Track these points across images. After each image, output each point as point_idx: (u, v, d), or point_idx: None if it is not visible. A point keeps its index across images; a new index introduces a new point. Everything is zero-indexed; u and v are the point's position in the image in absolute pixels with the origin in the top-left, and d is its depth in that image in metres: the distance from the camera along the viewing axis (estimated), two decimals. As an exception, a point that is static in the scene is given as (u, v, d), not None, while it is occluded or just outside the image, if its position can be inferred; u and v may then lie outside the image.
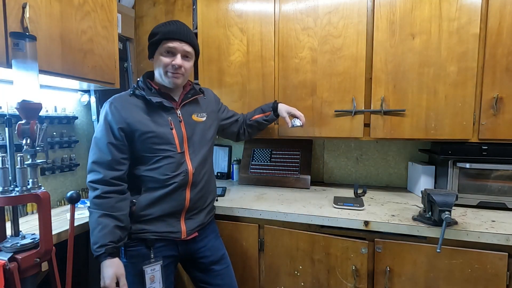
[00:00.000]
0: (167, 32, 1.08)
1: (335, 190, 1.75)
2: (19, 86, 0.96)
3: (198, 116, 1.21)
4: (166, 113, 1.13)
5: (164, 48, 1.09)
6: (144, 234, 1.09)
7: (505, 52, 1.29)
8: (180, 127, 1.14)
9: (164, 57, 1.10)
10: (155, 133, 1.08)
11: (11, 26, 1.03)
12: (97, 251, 0.99)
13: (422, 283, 1.17)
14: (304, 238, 1.32)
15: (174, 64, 1.09)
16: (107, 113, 1.07)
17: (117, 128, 1.05)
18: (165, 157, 1.09)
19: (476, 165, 1.36)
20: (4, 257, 0.90)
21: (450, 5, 1.34)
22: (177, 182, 1.10)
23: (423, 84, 1.40)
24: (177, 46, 1.09)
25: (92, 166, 1.06)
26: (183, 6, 1.84)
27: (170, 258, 1.15)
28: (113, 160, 1.05)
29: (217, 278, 1.22)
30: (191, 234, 1.16)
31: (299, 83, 1.59)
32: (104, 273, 0.99)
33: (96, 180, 1.04)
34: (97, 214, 1.02)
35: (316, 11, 1.54)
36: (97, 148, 1.07)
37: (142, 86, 1.13)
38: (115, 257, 1.01)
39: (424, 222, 1.18)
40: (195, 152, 1.16)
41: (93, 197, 1.03)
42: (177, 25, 1.11)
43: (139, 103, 1.11)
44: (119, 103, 1.09)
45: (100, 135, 1.07)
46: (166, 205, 1.10)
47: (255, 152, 1.96)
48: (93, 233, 1.01)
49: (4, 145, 1.26)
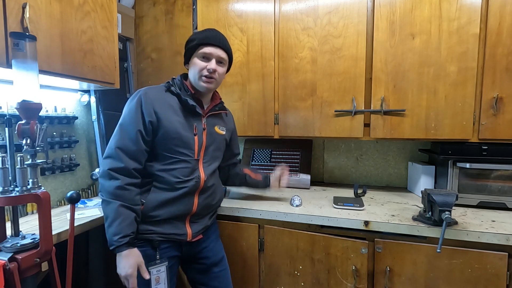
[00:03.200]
0: (203, 37, 1.11)
1: (335, 190, 1.75)
2: (19, 86, 0.96)
3: (220, 128, 1.23)
4: (193, 118, 1.14)
5: (200, 53, 1.11)
6: (151, 235, 1.09)
7: (505, 52, 1.29)
8: (202, 135, 1.15)
9: (200, 61, 1.12)
10: (180, 135, 1.08)
11: (11, 26, 1.03)
12: (120, 241, 0.98)
13: (422, 283, 1.17)
14: (304, 238, 1.32)
15: (209, 68, 1.11)
16: (142, 102, 1.06)
17: (148, 120, 1.05)
18: (181, 161, 1.10)
19: (476, 165, 1.36)
20: (4, 257, 0.90)
21: (450, 5, 1.34)
22: (188, 187, 1.10)
23: (423, 84, 1.40)
24: (212, 51, 1.11)
25: (115, 151, 1.03)
26: (183, 6, 1.84)
27: (174, 259, 1.15)
28: (138, 150, 1.04)
29: (215, 280, 1.22)
30: (196, 236, 1.17)
31: (299, 83, 1.59)
32: (125, 263, 0.99)
33: (117, 168, 1.02)
34: (115, 205, 1.00)
35: (316, 11, 1.54)
36: (124, 133, 1.04)
37: (179, 85, 1.15)
38: (134, 247, 1.02)
39: (424, 222, 1.18)
40: (209, 161, 1.18)
41: (114, 187, 1.00)
42: (213, 32, 1.14)
43: (172, 101, 1.11)
44: (154, 96, 1.09)
45: (129, 121, 1.05)
46: (174, 208, 1.10)
47: (255, 152, 1.96)
48: (113, 224, 0.99)
49: (4, 145, 1.26)
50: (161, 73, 1.91)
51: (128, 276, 0.99)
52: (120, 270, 1.00)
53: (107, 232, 1.00)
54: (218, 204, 1.29)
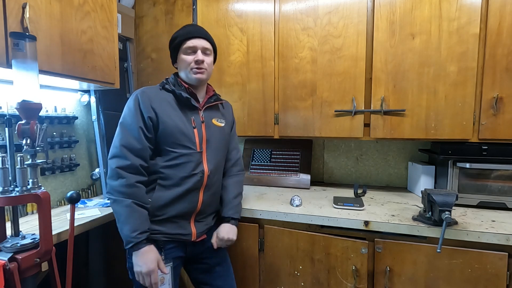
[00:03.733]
0: (185, 33, 1.14)
1: (335, 190, 1.75)
2: (19, 86, 0.96)
3: (218, 121, 1.23)
4: (190, 112, 1.15)
5: (185, 48, 1.14)
6: (156, 235, 1.09)
7: (505, 52, 1.29)
8: (201, 127, 1.16)
9: (187, 55, 1.14)
10: (179, 129, 1.09)
11: (11, 26, 1.03)
12: (138, 238, 0.98)
13: (422, 283, 1.17)
14: (304, 238, 1.32)
15: (197, 59, 1.13)
16: (139, 101, 1.07)
17: (147, 117, 1.06)
18: (184, 155, 1.10)
19: (476, 165, 1.36)
20: (4, 257, 0.90)
21: (450, 5, 1.34)
22: (193, 182, 1.11)
23: (423, 84, 1.40)
24: (196, 43, 1.13)
25: (120, 149, 1.03)
26: (183, 6, 1.84)
27: (178, 259, 1.16)
28: (142, 147, 1.05)
29: (218, 279, 1.23)
30: (200, 236, 1.17)
31: (299, 83, 1.59)
32: (145, 258, 0.99)
33: (124, 166, 1.02)
34: (127, 202, 1.00)
35: (316, 11, 1.54)
36: (126, 132, 1.05)
37: (173, 82, 1.17)
38: (152, 243, 1.03)
39: (424, 222, 1.18)
40: (212, 154, 1.18)
41: (124, 185, 1.00)
42: (193, 26, 1.18)
43: (168, 98, 1.13)
44: (151, 94, 1.11)
45: (130, 120, 1.06)
46: (180, 206, 1.10)
47: (255, 152, 1.96)
48: (129, 221, 0.99)
49: (4, 145, 1.26)
50: (161, 73, 1.91)
51: (151, 271, 0.99)
52: (141, 267, 0.99)
53: (122, 231, 1.00)
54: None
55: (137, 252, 1.00)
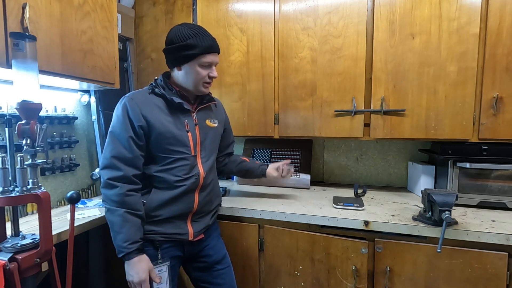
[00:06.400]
0: (208, 47, 1.09)
1: (335, 190, 1.75)
2: (19, 86, 0.96)
3: (211, 121, 1.23)
4: (183, 115, 1.13)
5: (203, 62, 1.09)
6: (152, 235, 1.09)
7: (505, 52, 1.29)
8: (195, 130, 1.15)
9: (202, 69, 1.10)
10: (173, 134, 1.08)
11: (11, 26, 1.03)
12: (130, 248, 0.98)
13: (422, 283, 1.17)
14: (304, 238, 1.32)
15: (212, 76, 1.12)
16: (128, 109, 1.05)
17: (137, 125, 1.04)
18: (179, 159, 1.09)
19: (476, 165, 1.36)
20: (4, 257, 0.90)
21: (450, 5, 1.34)
22: (188, 184, 1.10)
23: (423, 84, 1.40)
24: (213, 59, 1.12)
25: (111, 161, 1.02)
26: (183, 6, 1.84)
27: (176, 259, 1.15)
28: (133, 156, 1.04)
29: (218, 278, 1.23)
30: (198, 235, 1.17)
31: (299, 83, 1.59)
32: (138, 269, 0.99)
33: (116, 177, 1.01)
34: (120, 212, 1.00)
35: (316, 11, 1.54)
36: (116, 142, 1.04)
37: (162, 85, 1.14)
38: (144, 253, 1.03)
39: (424, 222, 1.18)
40: (206, 156, 1.18)
41: (117, 194, 1.00)
42: (213, 39, 1.12)
43: (158, 102, 1.10)
44: (140, 100, 1.08)
45: (119, 130, 1.04)
46: (176, 207, 1.10)
47: (255, 152, 1.96)
48: (122, 231, 0.99)
49: (4, 145, 1.26)
50: (161, 73, 1.91)
51: (142, 281, 1.00)
52: (132, 277, 1.00)
53: (115, 240, 1.00)
54: (219, 201, 1.30)
55: (128, 262, 1.00)
